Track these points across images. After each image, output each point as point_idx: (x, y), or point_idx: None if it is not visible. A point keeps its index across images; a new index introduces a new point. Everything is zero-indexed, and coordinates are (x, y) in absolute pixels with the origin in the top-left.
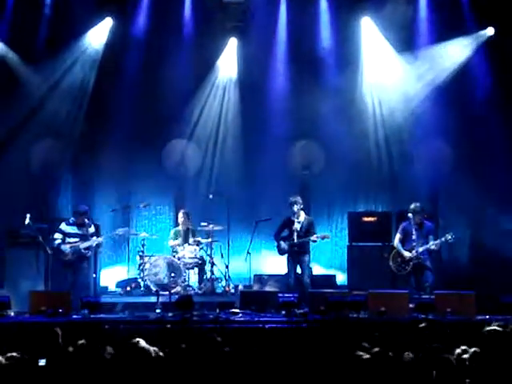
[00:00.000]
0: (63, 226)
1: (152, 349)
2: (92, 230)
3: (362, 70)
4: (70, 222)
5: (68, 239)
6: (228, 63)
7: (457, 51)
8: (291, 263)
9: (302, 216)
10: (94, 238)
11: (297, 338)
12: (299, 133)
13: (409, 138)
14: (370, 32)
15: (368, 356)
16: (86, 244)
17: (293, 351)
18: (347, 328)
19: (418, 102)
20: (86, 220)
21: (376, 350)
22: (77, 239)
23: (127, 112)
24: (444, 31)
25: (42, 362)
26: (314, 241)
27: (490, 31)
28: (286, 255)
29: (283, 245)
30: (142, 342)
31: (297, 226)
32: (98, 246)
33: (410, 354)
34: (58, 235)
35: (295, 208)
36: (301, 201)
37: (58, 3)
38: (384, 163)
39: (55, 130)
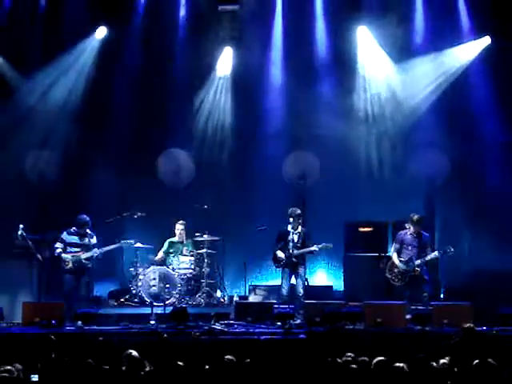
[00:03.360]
0: (64, 236)
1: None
2: (94, 240)
3: (358, 78)
4: (72, 231)
5: (69, 249)
6: (223, 72)
7: (453, 60)
8: (287, 274)
9: (299, 227)
10: (96, 249)
11: (292, 350)
12: (295, 142)
13: (406, 148)
14: (366, 41)
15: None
16: (88, 255)
17: (288, 363)
18: (343, 339)
19: (415, 111)
20: (88, 230)
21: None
22: (78, 249)
23: (121, 120)
24: (441, 40)
25: (35, 378)
26: (312, 252)
27: (486, 40)
28: (281, 266)
29: (279, 255)
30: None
31: (294, 237)
32: (98, 257)
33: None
34: (58, 244)
35: (297, 219)
36: (300, 212)
37: (51, 12)
38: (381, 173)
39: (49, 139)
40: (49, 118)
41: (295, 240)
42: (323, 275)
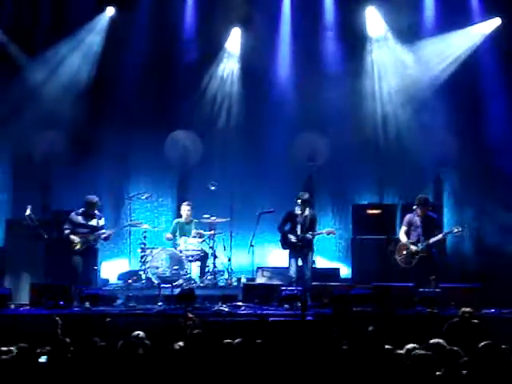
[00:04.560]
0: (73, 217)
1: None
2: (102, 222)
3: (366, 59)
4: (80, 212)
5: (78, 229)
6: (231, 53)
7: (463, 41)
8: (294, 256)
9: (307, 211)
10: (104, 230)
11: (300, 331)
12: (304, 123)
13: (415, 130)
14: (374, 21)
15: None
16: (96, 236)
17: (295, 344)
18: (351, 321)
19: (424, 93)
20: (97, 211)
21: None
22: (86, 230)
23: (128, 102)
24: (450, 21)
25: (43, 359)
26: (311, 237)
27: (496, 21)
28: (288, 248)
29: (291, 236)
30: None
31: (301, 220)
32: (107, 238)
33: None
34: (67, 225)
35: (306, 204)
36: (308, 197)
37: None
38: (389, 155)
39: (56, 120)
40: (56, 97)
41: (303, 223)
42: (330, 258)
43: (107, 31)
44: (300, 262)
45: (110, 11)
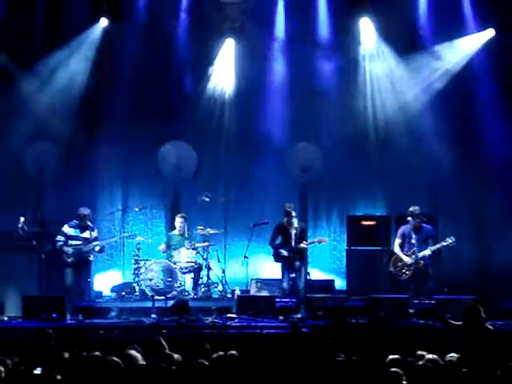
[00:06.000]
0: (65, 229)
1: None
2: (95, 234)
3: (361, 71)
4: (73, 224)
5: (70, 242)
6: (225, 64)
7: (457, 52)
8: (287, 268)
9: (296, 222)
10: (97, 242)
11: (293, 344)
12: (297, 135)
13: (409, 141)
14: (368, 32)
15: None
16: (89, 247)
17: (289, 357)
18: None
19: (418, 104)
20: (89, 223)
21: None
22: (79, 242)
23: (122, 112)
24: (444, 32)
25: (38, 371)
26: (306, 246)
27: (490, 32)
28: (280, 261)
29: (282, 251)
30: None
31: (292, 232)
32: (101, 250)
33: None
34: (60, 237)
35: (293, 214)
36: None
37: (52, 2)
38: (384, 166)
39: (49, 131)
40: (49, 109)
41: (294, 235)
42: (325, 269)
43: (101, 42)
44: (293, 274)
45: (104, 22)
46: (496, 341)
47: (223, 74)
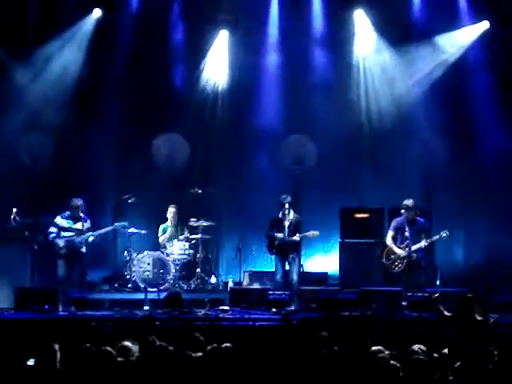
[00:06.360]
0: (58, 220)
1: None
2: (88, 224)
3: (355, 63)
4: (66, 215)
5: (63, 233)
6: (219, 55)
7: (451, 44)
8: (280, 260)
9: (291, 214)
10: (90, 233)
11: (286, 336)
12: (291, 127)
13: (403, 134)
14: (362, 25)
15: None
16: (81, 239)
17: (283, 349)
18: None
19: (412, 96)
20: (82, 214)
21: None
22: (72, 233)
23: (116, 103)
24: (439, 24)
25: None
26: (298, 239)
27: (485, 25)
28: (274, 253)
29: (278, 235)
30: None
31: (287, 223)
32: (93, 242)
33: None
34: (52, 229)
35: (287, 206)
36: (291, 200)
37: None
38: (377, 158)
39: (42, 121)
40: (42, 100)
41: (289, 226)
42: (318, 261)
43: (94, 33)
44: (287, 267)
45: (97, 13)
46: (487, 333)
47: (217, 65)
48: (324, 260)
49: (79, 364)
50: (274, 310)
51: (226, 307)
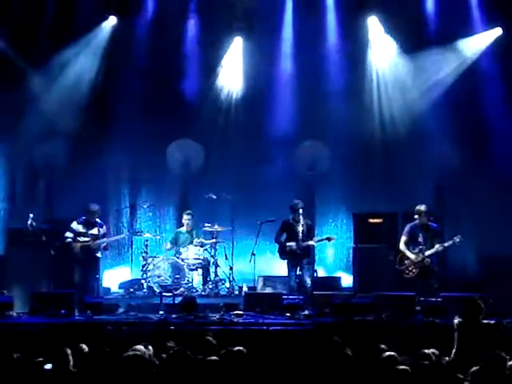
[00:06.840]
0: (74, 225)
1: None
2: (103, 230)
3: (368, 69)
4: (82, 220)
5: (79, 238)
6: (233, 62)
7: (464, 50)
8: (293, 265)
9: (304, 220)
10: (105, 238)
11: (301, 341)
12: (304, 133)
13: (416, 139)
14: (376, 31)
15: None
16: (97, 244)
17: (297, 354)
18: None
19: (425, 103)
20: (98, 219)
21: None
22: (87, 239)
23: (131, 110)
24: (452, 31)
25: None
26: (314, 243)
27: (497, 31)
28: (287, 259)
29: (291, 244)
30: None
31: (299, 229)
32: (106, 248)
33: None
34: (68, 234)
35: (300, 211)
36: (303, 205)
37: (61, 0)
38: (391, 164)
39: (58, 129)
40: (57, 107)
41: (301, 232)
42: (331, 267)
43: (110, 40)
44: (300, 272)
45: (113, 20)
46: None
47: (231, 72)
48: (337, 265)
49: (93, 368)
50: (288, 314)
51: (241, 312)
